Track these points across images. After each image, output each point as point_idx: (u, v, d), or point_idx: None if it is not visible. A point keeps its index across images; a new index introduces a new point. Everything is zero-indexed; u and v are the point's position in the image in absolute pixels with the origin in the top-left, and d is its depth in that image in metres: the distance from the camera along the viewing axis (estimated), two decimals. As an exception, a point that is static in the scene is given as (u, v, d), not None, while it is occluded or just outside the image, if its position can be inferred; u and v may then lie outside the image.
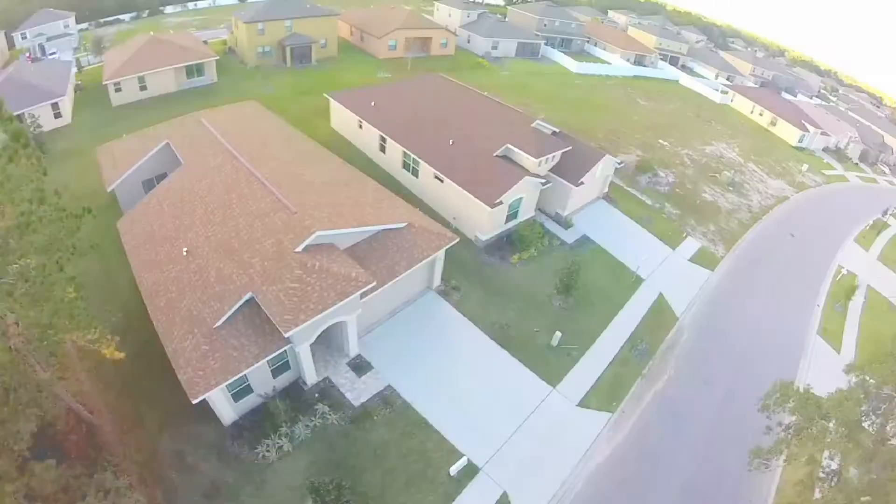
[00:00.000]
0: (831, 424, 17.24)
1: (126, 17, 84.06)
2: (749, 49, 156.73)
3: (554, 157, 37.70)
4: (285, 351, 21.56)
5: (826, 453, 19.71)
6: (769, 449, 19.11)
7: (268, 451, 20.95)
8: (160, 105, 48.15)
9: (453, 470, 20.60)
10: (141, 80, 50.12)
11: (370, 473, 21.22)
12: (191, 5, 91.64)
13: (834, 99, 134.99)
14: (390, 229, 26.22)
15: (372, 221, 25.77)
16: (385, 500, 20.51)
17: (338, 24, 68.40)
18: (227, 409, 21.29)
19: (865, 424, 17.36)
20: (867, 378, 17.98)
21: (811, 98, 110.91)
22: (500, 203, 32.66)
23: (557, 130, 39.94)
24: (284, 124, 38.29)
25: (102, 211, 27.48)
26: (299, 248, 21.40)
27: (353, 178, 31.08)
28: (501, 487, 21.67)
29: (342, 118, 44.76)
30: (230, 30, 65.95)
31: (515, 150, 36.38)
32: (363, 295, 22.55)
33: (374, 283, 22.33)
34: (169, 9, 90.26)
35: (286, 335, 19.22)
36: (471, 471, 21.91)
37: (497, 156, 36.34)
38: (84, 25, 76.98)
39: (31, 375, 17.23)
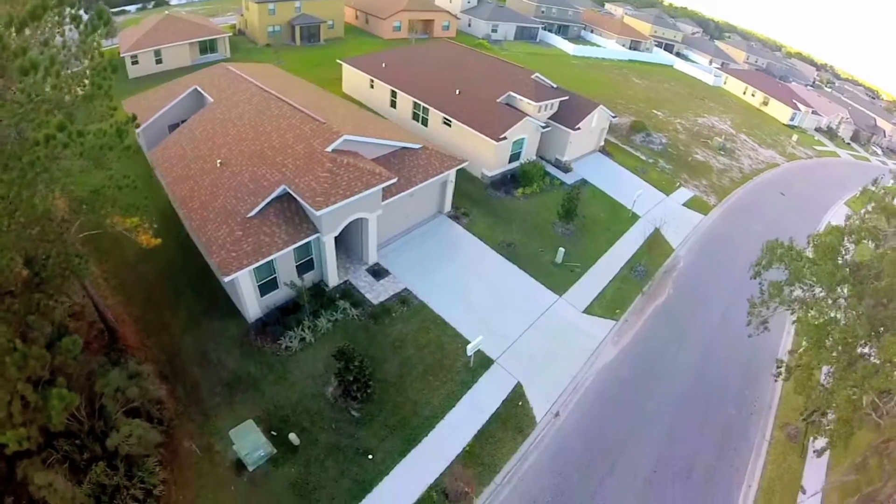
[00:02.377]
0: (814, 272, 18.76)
1: (132, 8, 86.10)
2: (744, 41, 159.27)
3: (552, 105, 39.82)
4: (310, 247, 23.32)
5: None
6: (763, 300, 20.61)
7: (290, 341, 22.17)
8: (175, 77, 49.94)
9: (470, 348, 22.05)
10: (157, 53, 51.88)
11: (389, 363, 22.54)
12: None
13: (829, 90, 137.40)
14: (408, 148, 28.24)
15: (393, 138, 27.75)
16: (404, 387, 21.74)
17: (344, 7, 70.58)
18: (252, 303, 22.57)
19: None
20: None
21: (806, 87, 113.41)
22: (505, 139, 34.67)
23: (556, 86, 42.05)
24: (303, 80, 40.38)
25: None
26: (329, 149, 23.27)
27: (371, 115, 33.09)
28: (515, 378, 23.05)
29: (354, 81, 46.80)
30: (240, 13, 68.16)
31: (517, 96, 38.42)
32: (384, 198, 24.46)
33: (396, 180, 24.18)
34: (174, 0, 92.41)
35: (318, 213, 20.89)
36: (485, 361, 23.42)
37: (500, 102, 38.41)
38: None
39: (69, 248, 17.78)
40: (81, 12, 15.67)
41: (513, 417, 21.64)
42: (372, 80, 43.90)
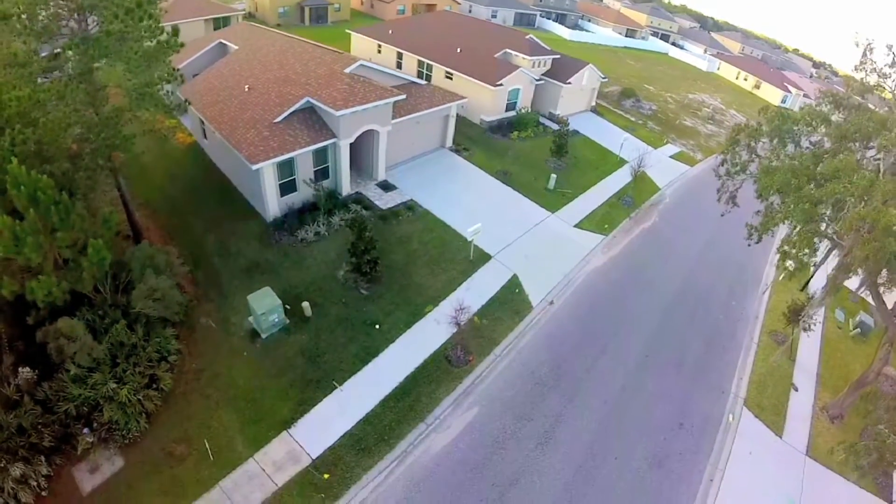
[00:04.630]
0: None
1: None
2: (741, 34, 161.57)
3: (545, 62, 42.94)
4: (327, 153, 26.11)
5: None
6: (728, 171, 23.26)
7: (306, 234, 24.59)
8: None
9: (469, 232, 24.46)
10: (175, 28, 55.11)
11: (396, 254, 24.97)
12: None
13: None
14: (415, 82, 31.63)
15: (403, 73, 30.78)
16: (409, 273, 24.14)
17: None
18: (273, 201, 24.95)
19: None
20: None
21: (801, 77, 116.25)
22: (501, 85, 37.66)
23: (549, 48, 45.19)
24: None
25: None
26: (347, 70, 26.24)
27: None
28: (511, 270, 25.51)
29: (362, 47, 49.75)
30: None
31: (513, 52, 41.59)
32: (394, 117, 27.37)
33: (405, 96, 27.17)
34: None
35: (337, 114, 23.76)
36: (484, 256, 25.93)
37: (497, 57, 41.45)
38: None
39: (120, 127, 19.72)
40: None
41: (510, 301, 23.98)
42: (379, 46, 46.98)
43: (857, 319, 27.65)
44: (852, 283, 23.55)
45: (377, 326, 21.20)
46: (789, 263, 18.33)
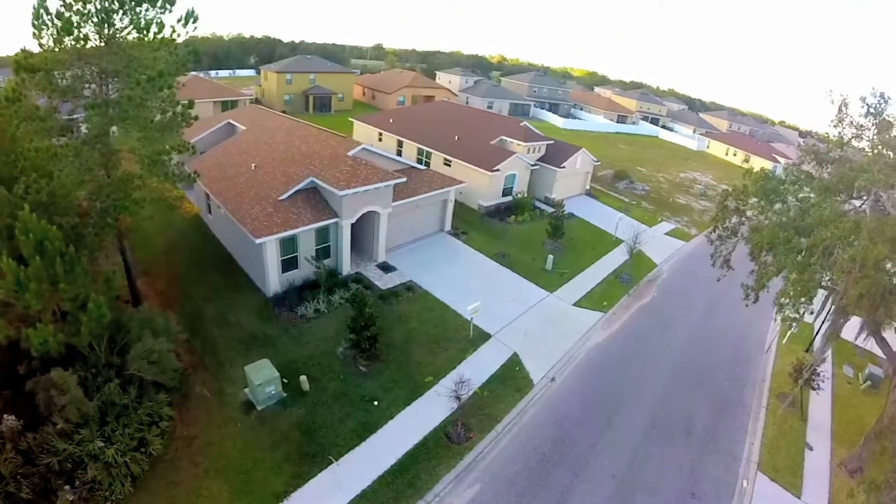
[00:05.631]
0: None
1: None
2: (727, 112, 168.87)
3: (540, 147, 45.17)
4: (329, 233, 27.05)
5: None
6: (721, 236, 23.84)
7: (306, 310, 24.90)
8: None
9: (469, 310, 24.79)
10: (190, 102, 58.56)
11: (395, 333, 25.10)
12: (213, 73, 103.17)
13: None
14: (415, 167, 33.34)
15: (403, 158, 32.46)
16: (408, 351, 24.18)
17: (353, 82, 79.39)
18: (274, 276, 25.50)
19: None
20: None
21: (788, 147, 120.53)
22: (498, 170, 39.37)
23: (543, 135, 47.69)
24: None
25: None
26: (351, 153, 27.89)
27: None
28: (511, 349, 25.51)
29: (364, 135, 52.66)
30: (258, 83, 76.87)
31: (508, 139, 43.84)
32: (394, 200, 28.57)
33: (405, 179, 28.46)
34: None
35: (340, 194, 24.95)
36: (484, 335, 25.98)
37: (493, 144, 43.65)
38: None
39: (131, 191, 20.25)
40: None
41: (511, 379, 23.77)
42: (380, 133, 49.75)
43: (866, 372, 27.49)
44: (853, 333, 23.47)
45: (376, 403, 20.99)
46: (787, 314, 18.50)
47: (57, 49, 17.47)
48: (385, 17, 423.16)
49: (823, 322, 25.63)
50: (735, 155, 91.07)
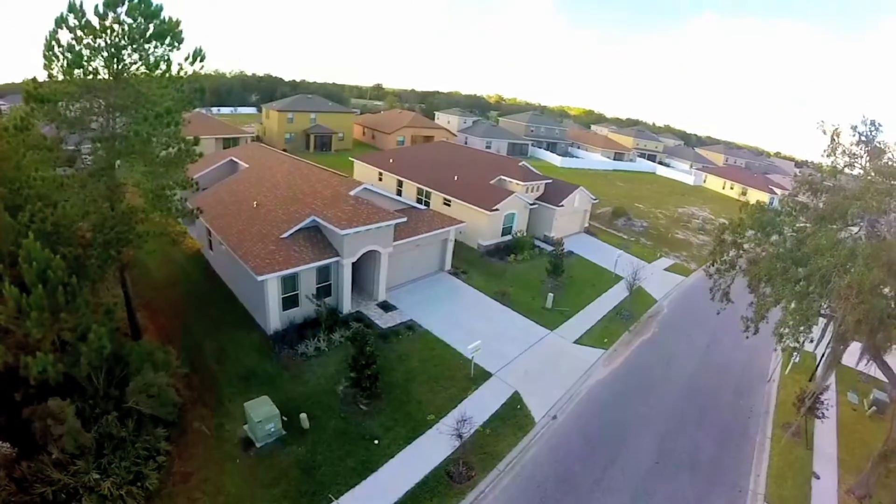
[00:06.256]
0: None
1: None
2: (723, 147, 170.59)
3: (538, 186, 45.88)
4: (330, 271, 27.31)
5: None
6: (719, 269, 23.93)
7: (306, 348, 24.91)
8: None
9: (470, 349, 24.82)
10: (196, 138, 59.66)
11: (395, 372, 25.12)
12: (215, 110, 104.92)
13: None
14: (416, 207, 33.96)
15: (404, 198, 33.06)
16: (409, 390, 24.14)
17: (353, 122, 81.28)
18: (275, 314, 25.59)
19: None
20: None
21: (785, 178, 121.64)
22: (497, 210, 39.95)
23: (541, 174, 48.58)
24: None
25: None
26: (352, 193, 28.42)
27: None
28: (512, 387, 25.43)
29: (364, 175, 53.62)
30: (259, 122, 78.67)
31: (507, 179, 44.68)
32: (395, 239, 29.01)
33: (406, 219, 28.91)
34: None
35: (342, 233, 25.36)
36: (484, 374, 25.91)
37: (492, 184, 44.41)
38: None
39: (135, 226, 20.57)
40: None
41: (512, 417, 23.63)
42: (381, 173, 50.65)
43: (871, 398, 27.48)
44: (855, 360, 23.28)
45: (376, 441, 20.87)
46: (787, 343, 18.56)
47: (66, 81, 17.97)
48: (384, 59, 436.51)
49: (825, 350, 25.75)
50: (732, 188, 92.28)
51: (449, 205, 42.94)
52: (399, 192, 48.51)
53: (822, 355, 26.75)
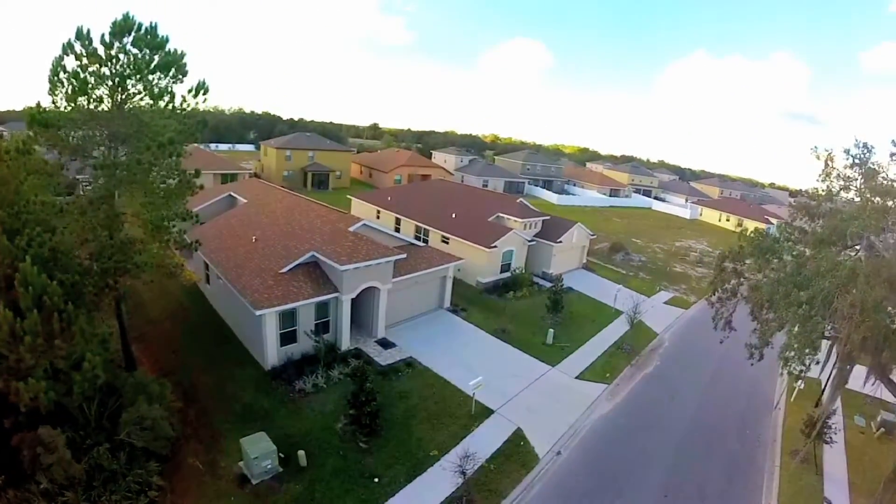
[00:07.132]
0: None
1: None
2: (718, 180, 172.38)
3: (536, 223, 46.33)
4: (329, 308, 27.23)
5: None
6: (720, 298, 23.86)
7: (304, 384, 24.75)
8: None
9: (471, 385, 24.55)
10: (197, 171, 60.20)
11: (395, 409, 24.76)
12: (213, 146, 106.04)
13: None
14: (414, 244, 34.16)
15: (402, 235, 33.36)
16: (409, 427, 23.77)
17: (351, 160, 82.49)
18: (272, 349, 25.35)
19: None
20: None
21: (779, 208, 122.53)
22: (495, 247, 40.20)
23: (539, 211, 49.15)
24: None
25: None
26: (351, 229, 28.72)
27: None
28: (515, 424, 25.02)
29: (362, 213, 53.65)
30: (257, 159, 79.84)
31: (505, 216, 45.09)
32: (394, 276, 29.09)
33: (406, 255, 29.04)
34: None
35: (341, 268, 25.40)
36: (486, 411, 25.50)
37: (490, 221, 44.83)
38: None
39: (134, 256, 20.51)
40: None
41: (515, 454, 23.18)
42: (378, 211, 51.13)
43: (879, 419, 27.34)
44: (860, 383, 23.11)
45: (376, 479, 20.42)
46: (792, 367, 18.44)
47: (70, 107, 18.28)
48: (381, 98, 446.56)
49: (831, 373, 25.59)
50: (728, 220, 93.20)
51: (447, 242, 43.22)
52: (397, 230, 48.92)
53: (828, 378, 26.61)
